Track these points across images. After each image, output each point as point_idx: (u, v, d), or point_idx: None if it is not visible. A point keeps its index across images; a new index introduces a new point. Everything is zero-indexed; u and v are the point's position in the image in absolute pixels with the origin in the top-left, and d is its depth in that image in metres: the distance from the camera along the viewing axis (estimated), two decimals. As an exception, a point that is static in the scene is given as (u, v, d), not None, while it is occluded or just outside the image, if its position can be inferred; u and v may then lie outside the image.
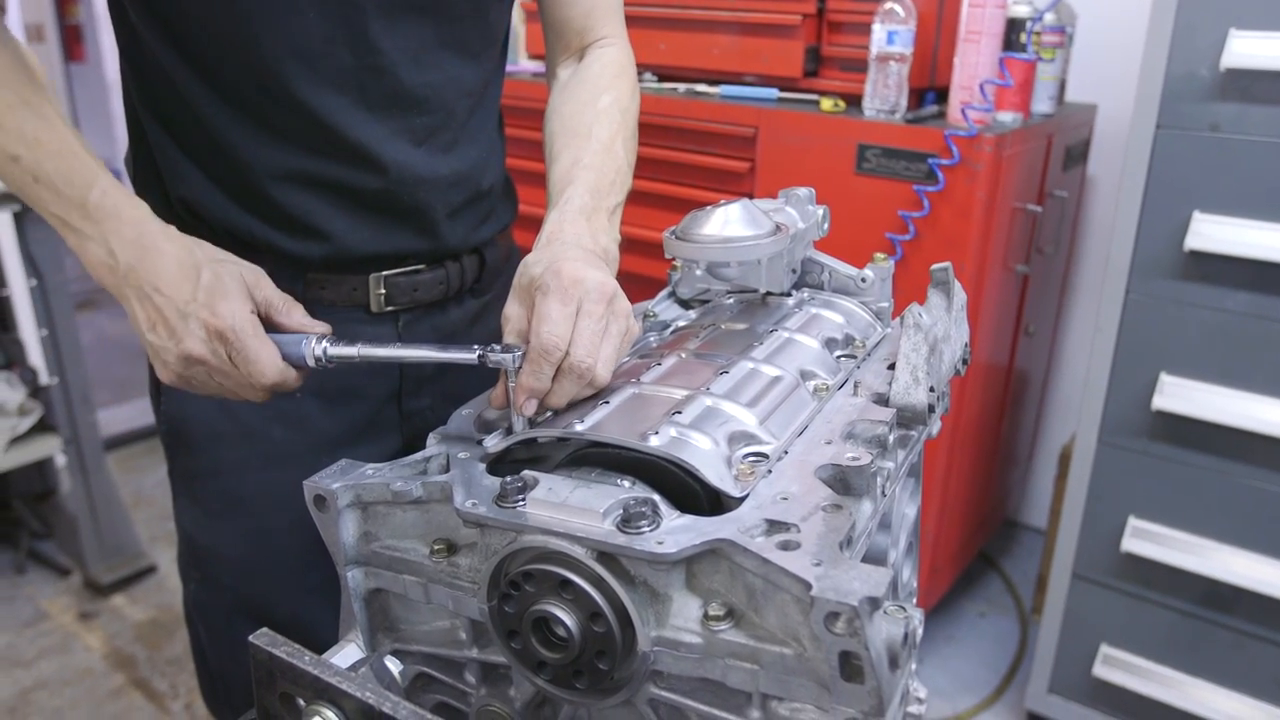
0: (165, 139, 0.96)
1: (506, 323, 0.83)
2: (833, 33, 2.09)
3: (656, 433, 0.69)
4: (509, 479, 0.68)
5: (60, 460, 2.70)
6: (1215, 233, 1.64)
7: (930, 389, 0.78)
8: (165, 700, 2.26)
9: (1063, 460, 2.35)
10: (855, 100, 2.05)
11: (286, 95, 0.90)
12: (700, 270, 1.04)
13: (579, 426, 0.73)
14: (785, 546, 0.59)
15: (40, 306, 2.41)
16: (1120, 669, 1.92)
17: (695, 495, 0.69)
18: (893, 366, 0.79)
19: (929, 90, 2.08)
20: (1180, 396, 1.73)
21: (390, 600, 0.77)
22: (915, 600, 0.93)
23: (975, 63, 1.88)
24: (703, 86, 2.24)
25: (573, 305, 0.77)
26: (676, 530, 0.63)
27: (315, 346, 0.83)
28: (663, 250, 0.93)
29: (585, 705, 0.70)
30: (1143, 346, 1.77)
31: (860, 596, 0.53)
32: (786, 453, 0.72)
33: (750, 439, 0.73)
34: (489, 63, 1.05)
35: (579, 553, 0.63)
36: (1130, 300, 1.76)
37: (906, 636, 0.57)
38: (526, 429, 0.77)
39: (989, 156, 1.83)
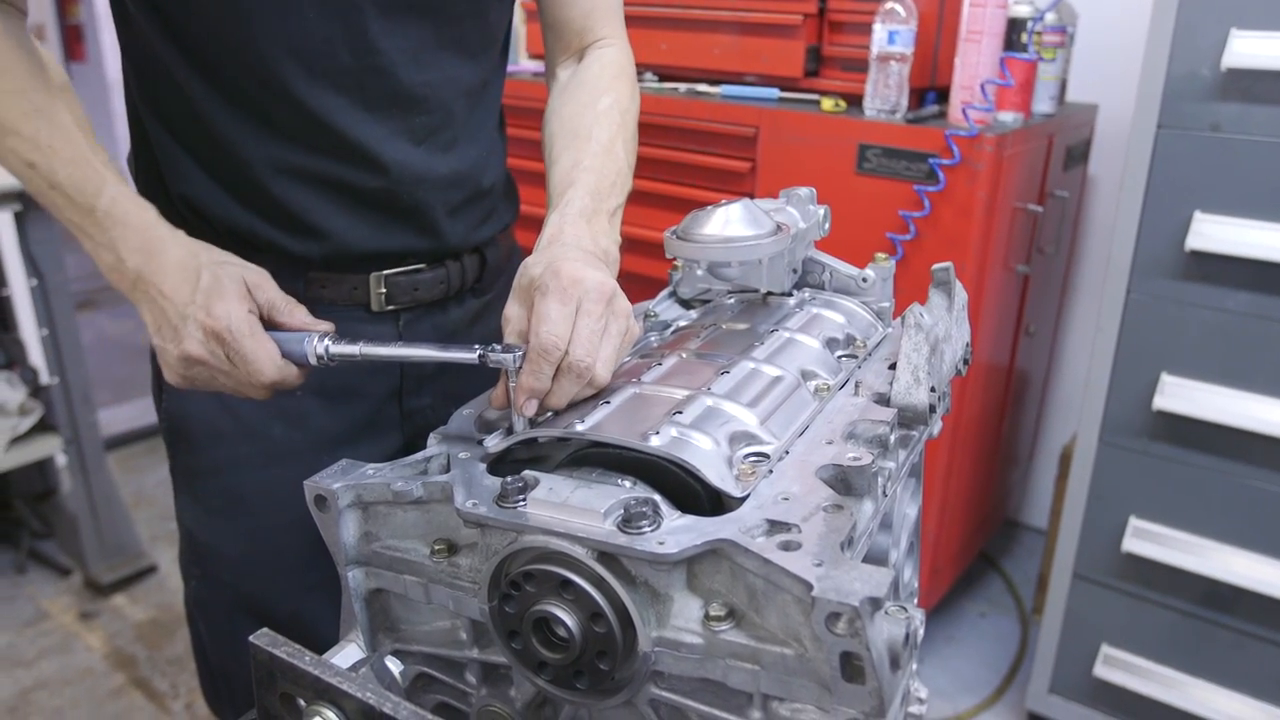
0: (166, 137, 0.96)
1: (507, 323, 0.83)
2: (833, 32, 2.09)
3: (657, 433, 0.69)
4: (510, 479, 0.68)
5: (61, 460, 2.70)
6: (1216, 233, 1.64)
7: (931, 389, 0.78)
8: (166, 700, 2.26)
9: (1063, 460, 2.35)
10: (856, 100, 2.05)
11: (286, 94, 0.90)
12: (701, 270, 1.04)
13: (580, 426, 0.73)
14: (786, 547, 0.59)
15: (41, 306, 2.41)
16: (1121, 669, 1.92)
17: (696, 495, 0.69)
18: (894, 366, 0.79)
19: (930, 90, 2.08)
20: (1181, 396, 1.73)
21: (391, 600, 0.77)
22: (916, 600, 0.92)
23: (976, 62, 1.88)
24: (703, 86, 2.24)
25: (572, 305, 0.77)
26: (677, 530, 0.63)
27: (317, 344, 0.84)
28: (663, 250, 0.93)
29: (586, 706, 0.70)
30: (1144, 346, 1.77)
31: (861, 597, 0.53)
32: (787, 453, 0.72)
33: (751, 439, 0.73)
34: (489, 62, 1.05)
35: (580, 553, 0.63)
36: (1131, 300, 1.76)
37: (908, 637, 0.57)
38: (527, 429, 0.77)
39: (990, 156, 1.83)
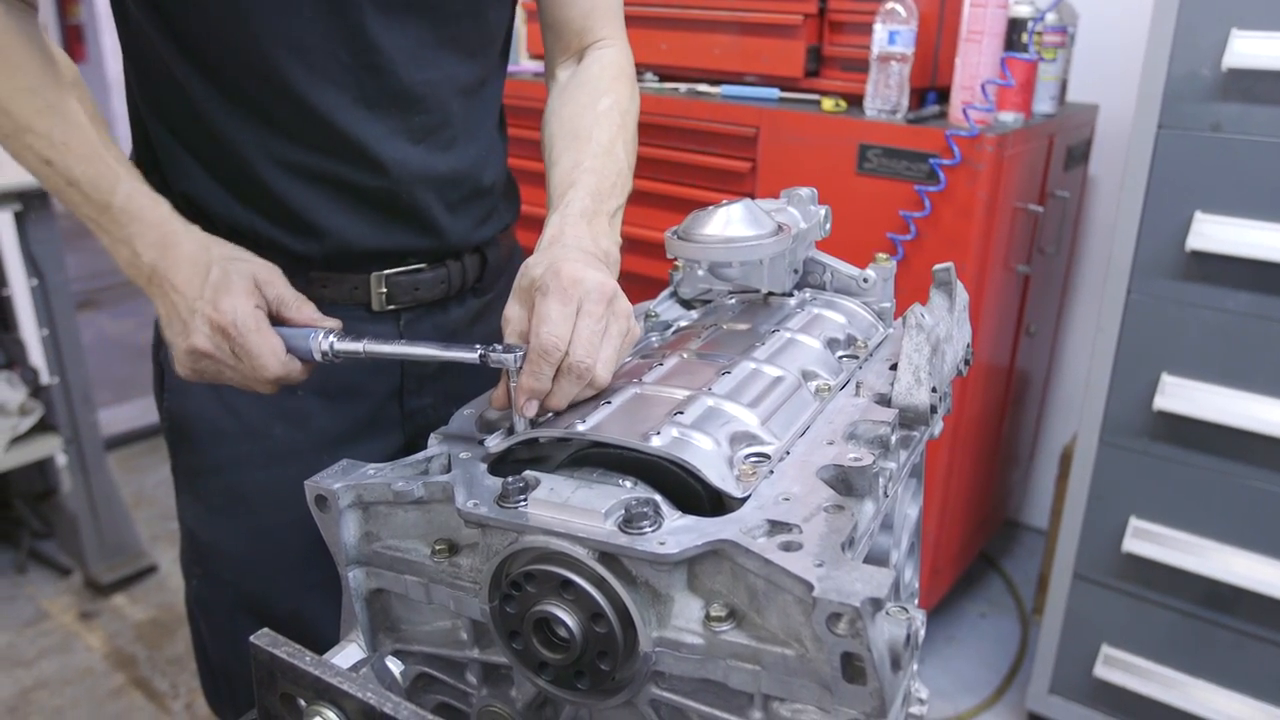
0: (167, 136, 0.97)
1: (507, 324, 0.83)
2: (834, 33, 2.09)
3: (658, 433, 0.69)
4: (510, 479, 0.68)
5: (61, 460, 2.70)
6: (1217, 233, 1.64)
7: (933, 389, 0.78)
8: (166, 700, 2.26)
9: (1064, 460, 2.34)
10: (856, 100, 2.05)
11: (286, 91, 0.90)
12: (702, 270, 1.04)
13: (580, 427, 0.73)
14: (787, 547, 0.59)
15: (41, 306, 2.41)
16: (1121, 669, 1.92)
17: (697, 496, 0.69)
18: (895, 367, 0.79)
19: (930, 90, 2.08)
20: (1181, 397, 1.73)
21: (391, 600, 0.77)
22: (916, 601, 0.93)
23: (977, 63, 1.88)
24: (704, 86, 2.24)
25: (572, 306, 0.77)
26: (678, 531, 0.62)
27: (322, 341, 0.85)
28: (664, 250, 0.93)
29: (586, 706, 0.70)
30: (1144, 347, 1.77)
31: (862, 597, 0.53)
32: (788, 453, 0.72)
33: (752, 439, 0.73)
34: (488, 62, 1.05)
35: (580, 553, 0.63)
36: (1132, 300, 1.76)
37: (909, 637, 0.57)
38: (528, 429, 0.77)
39: (990, 156, 1.83)
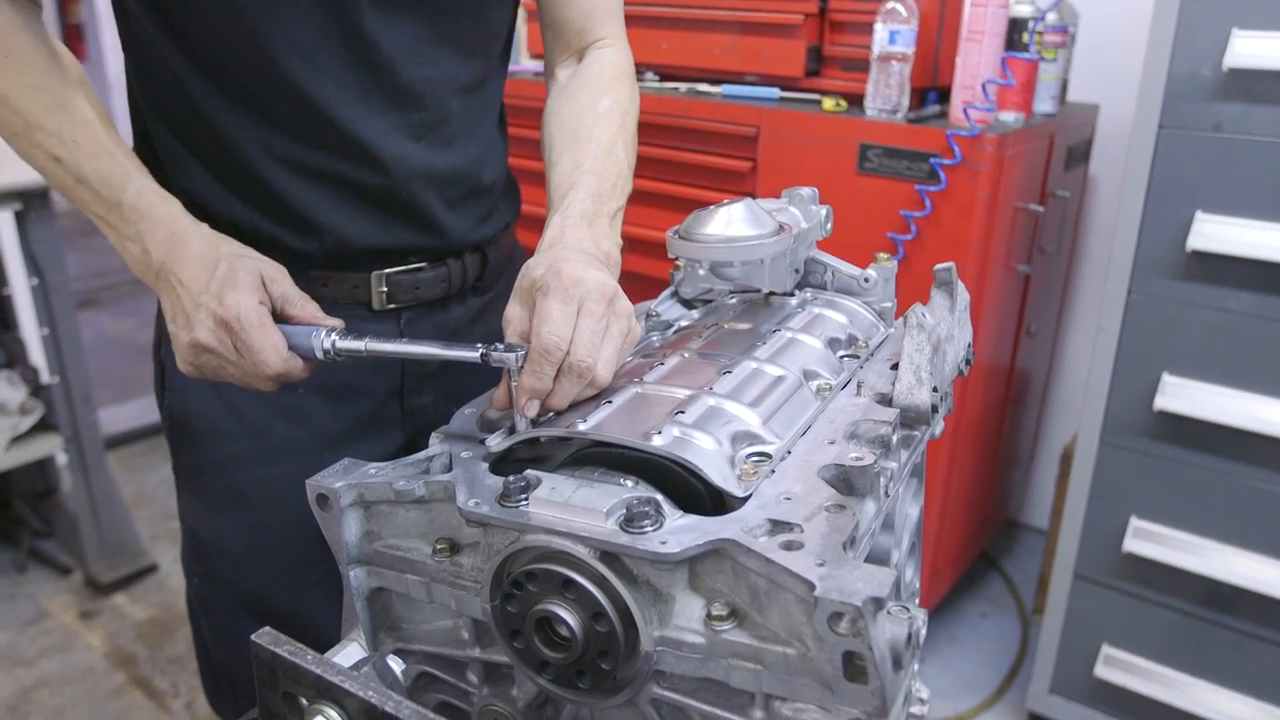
0: (167, 134, 0.97)
1: (508, 325, 0.83)
2: (834, 32, 2.09)
3: (659, 432, 0.69)
4: (512, 478, 0.68)
5: (61, 459, 2.70)
6: (1218, 233, 1.64)
7: (934, 389, 0.78)
8: (166, 699, 2.26)
9: (1064, 460, 2.34)
10: (857, 100, 2.05)
11: (286, 88, 0.91)
12: (703, 270, 1.04)
13: (582, 426, 0.73)
14: (788, 546, 0.59)
15: (41, 305, 2.41)
16: (1122, 669, 1.92)
17: (698, 495, 0.69)
18: (896, 366, 0.79)
19: (931, 90, 2.08)
20: (1182, 397, 1.73)
21: (393, 599, 0.77)
22: (917, 601, 0.92)
23: (977, 62, 1.88)
24: (704, 86, 2.24)
25: (573, 305, 0.77)
26: (679, 530, 0.62)
27: (324, 339, 0.85)
28: (665, 250, 0.93)
29: (588, 705, 0.70)
30: (1145, 347, 1.77)
31: (864, 597, 0.53)
32: (790, 453, 0.72)
33: (753, 439, 0.73)
34: (488, 60, 1.05)
35: (582, 552, 0.63)
36: (1132, 300, 1.76)
37: (910, 637, 0.57)
38: (529, 429, 0.77)
39: (991, 156, 1.83)
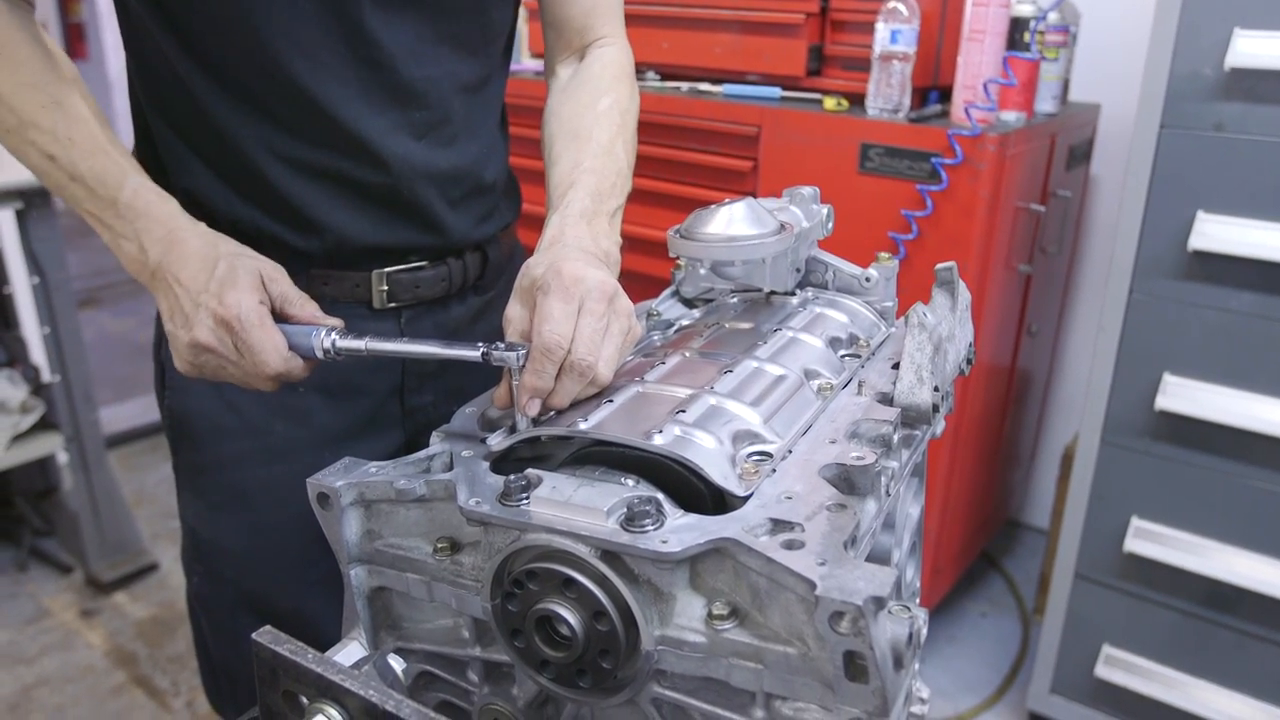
0: (169, 132, 0.97)
1: (509, 324, 0.83)
2: (836, 31, 2.09)
3: (660, 431, 0.69)
4: (513, 477, 0.68)
5: (62, 458, 2.70)
6: (1219, 233, 1.64)
7: (935, 388, 0.78)
8: (166, 698, 2.26)
9: (1065, 460, 2.34)
10: (858, 99, 2.04)
11: (288, 87, 0.91)
12: (704, 269, 1.04)
13: (583, 425, 0.73)
14: (790, 546, 0.59)
15: (42, 304, 2.41)
16: (1122, 669, 1.92)
17: (699, 494, 0.69)
18: (897, 366, 0.79)
19: (932, 89, 2.08)
20: (1183, 397, 1.73)
21: (393, 598, 0.77)
22: (918, 600, 0.92)
23: (979, 62, 1.88)
24: (705, 85, 2.24)
25: (574, 304, 0.77)
26: (680, 529, 0.62)
27: (324, 338, 0.85)
28: (666, 249, 0.93)
29: (588, 704, 0.70)
30: (1146, 346, 1.77)
31: (865, 596, 0.53)
32: (791, 452, 0.72)
33: (754, 438, 0.73)
34: (490, 59, 1.05)
35: (583, 551, 0.63)
36: (1133, 300, 1.76)
37: (911, 636, 0.57)
38: (530, 428, 0.77)
39: (992, 156, 1.83)
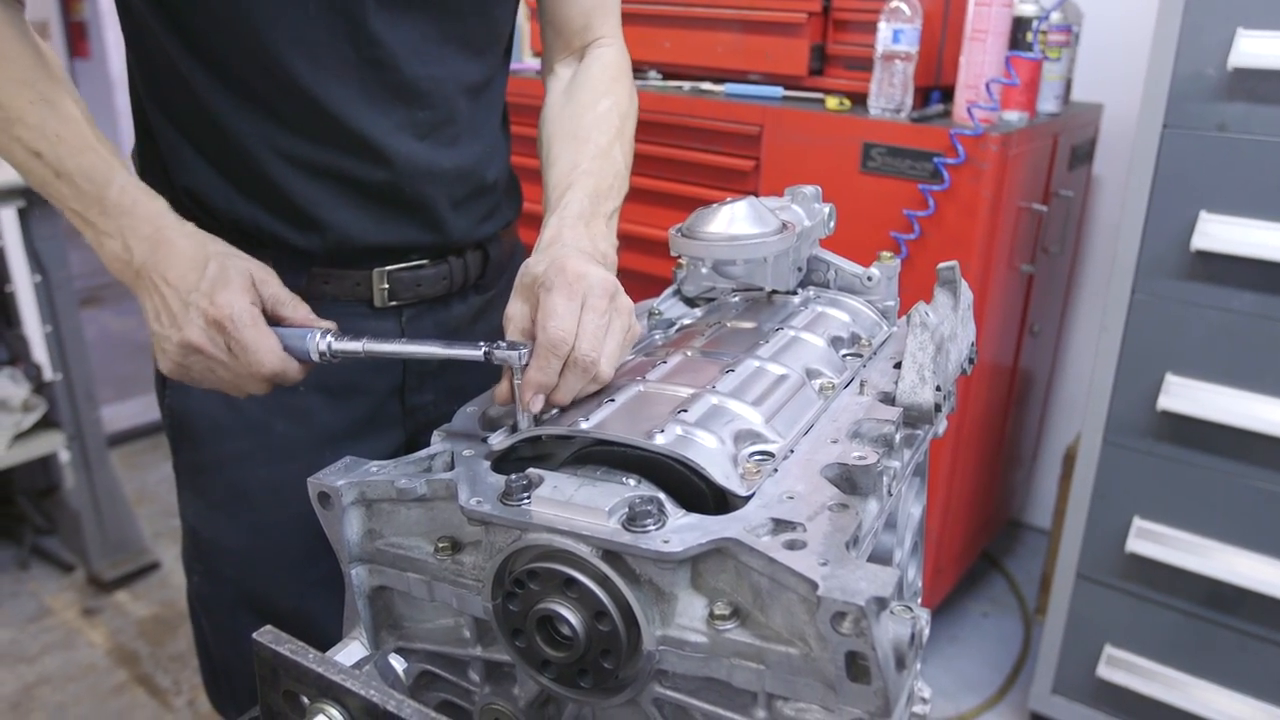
0: (170, 130, 0.96)
1: (509, 322, 0.83)
2: (838, 31, 2.09)
3: (662, 431, 0.69)
4: (514, 477, 0.68)
5: (64, 456, 2.71)
6: (1222, 233, 1.64)
7: (937, 388, 0.78)
8: (168, 696, 2.26)
9: (1067, 460, 2.34)
10: (860, 99, 2.04)
11: (292, 85, 0.90)
12: (706, 268, 1.04)
13: (584, 424, 0.72)
14: (791, 546, 0.59)
15: (44, 303, 2.41)
16: (1124, 670, 1.92)
17: (701, 494, 0.68)
18: (899, 365, 0.79)
19: (934, 89, 2.08)
20: (1186, 397, 1.73)
21: (394, 598, 0.77)
22: (920, 600, 0.92)
23: (981, 62, 1.88)
24: (707, 84, 2.23)
25: (578, 300, 0.77)
26: (682, 529, 0.62)
27: (320, 341, 0.84)
28: (667, 248, 0.93)
29: (590, 704, 0.70)
30: (1148, 346, 1.76)
31: (867, 596, 0.53)
32: (792, 451, 0.72)
33: (756, 437, 0.72)
34: (493, 59, 1.05)
35: (584, 551, 0.63)
36: (1136, 300, 1.76)
37: (913, 637, 0.57)
38: (532, 427, 0.77)
39: (994, 156, 1.82)
